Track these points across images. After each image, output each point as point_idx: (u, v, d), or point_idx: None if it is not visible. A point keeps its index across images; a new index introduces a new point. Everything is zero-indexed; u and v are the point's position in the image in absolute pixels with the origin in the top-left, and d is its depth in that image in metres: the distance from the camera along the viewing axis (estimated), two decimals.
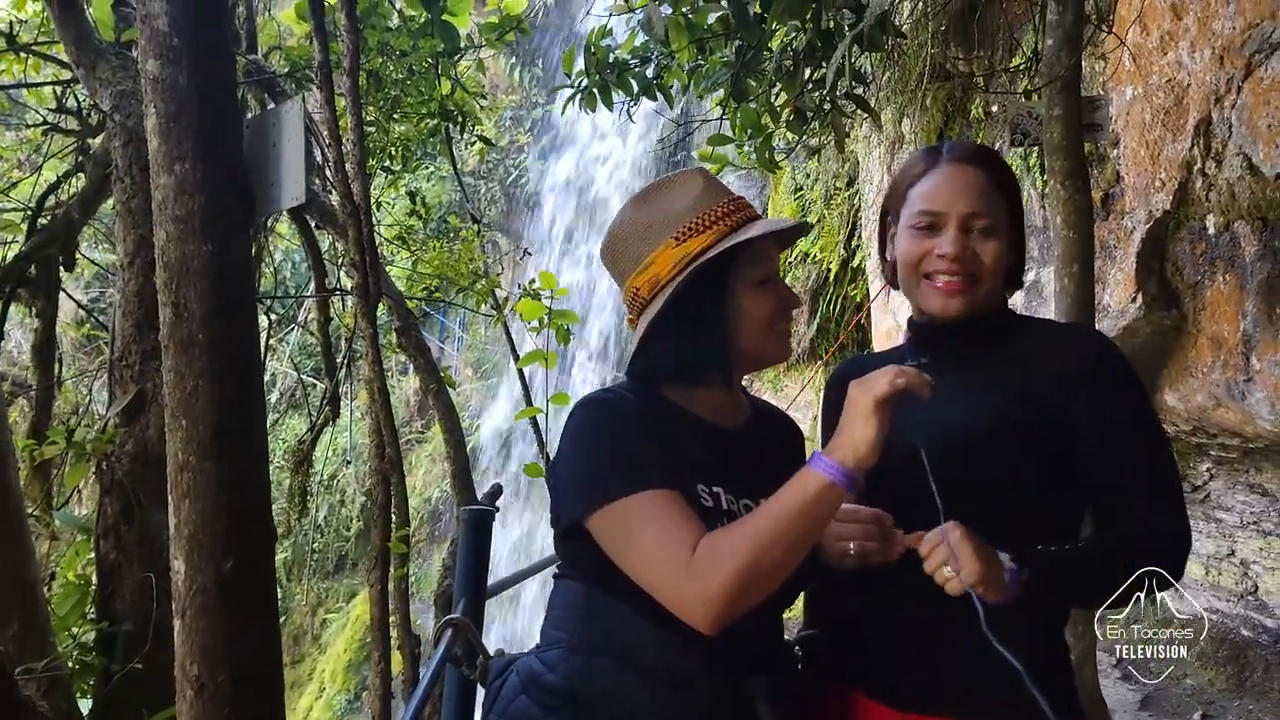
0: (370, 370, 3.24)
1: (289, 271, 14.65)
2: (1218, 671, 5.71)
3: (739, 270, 1.69)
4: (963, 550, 1.50)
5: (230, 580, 2.67)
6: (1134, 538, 1.58)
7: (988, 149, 1.86)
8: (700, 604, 1.45)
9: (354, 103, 3.36)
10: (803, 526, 1.46)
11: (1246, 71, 4.25)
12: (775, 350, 1.73)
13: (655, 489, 1.53)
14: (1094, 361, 1.68)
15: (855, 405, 1.49)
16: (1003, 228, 1.75)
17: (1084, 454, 1.63)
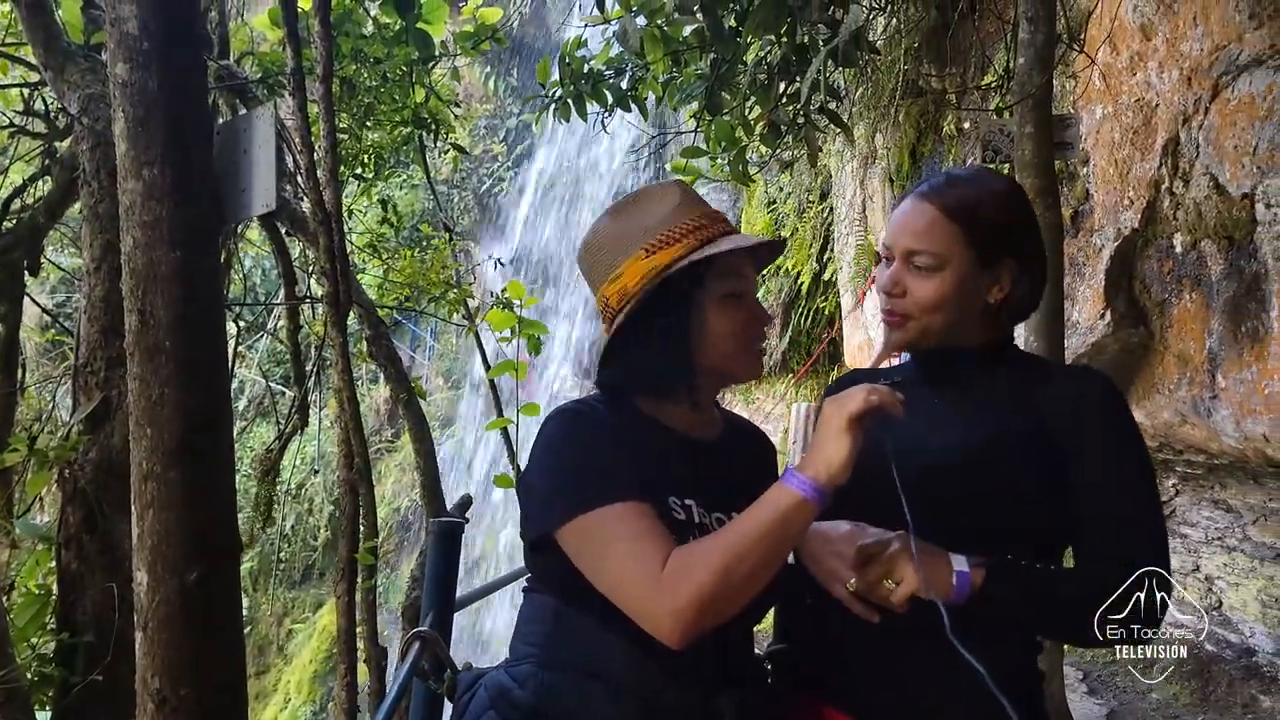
0: (340, 379, 3.21)
1: (259, 278, 14.54)
2: (1182, 686, 5.76)
3: (707, 285, 1.68)
4: (899, 562, 1.53)
5: (194, 592, 2.63)
6: (1110, 561, 1.58)
7: (956, 183, 1.81)
8: (669, 617, 1.44)
9: (327, 109, 3.34)
10: (774, 542, 1.46)
11: (1214, 93, 4.30)
12: (744, 367, 1.72)
13: (626, 501, 1.52)
14: (1096, 404, 1.67)
15: (828, 422, 1.49)
16: (951, 265, 1.71)
17: (1077, 490, 1.63)
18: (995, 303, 1.76)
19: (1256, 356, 4.13)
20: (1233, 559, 5.78)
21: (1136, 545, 1.59)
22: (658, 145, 6.88)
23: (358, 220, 7.40)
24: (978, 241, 1.73)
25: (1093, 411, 1.66)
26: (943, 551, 1.55)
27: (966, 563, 1.53)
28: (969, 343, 1.78)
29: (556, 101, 4.87)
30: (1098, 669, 6.30)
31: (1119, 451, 1.65)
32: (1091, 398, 1.68)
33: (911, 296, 1.72)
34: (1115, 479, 1.63)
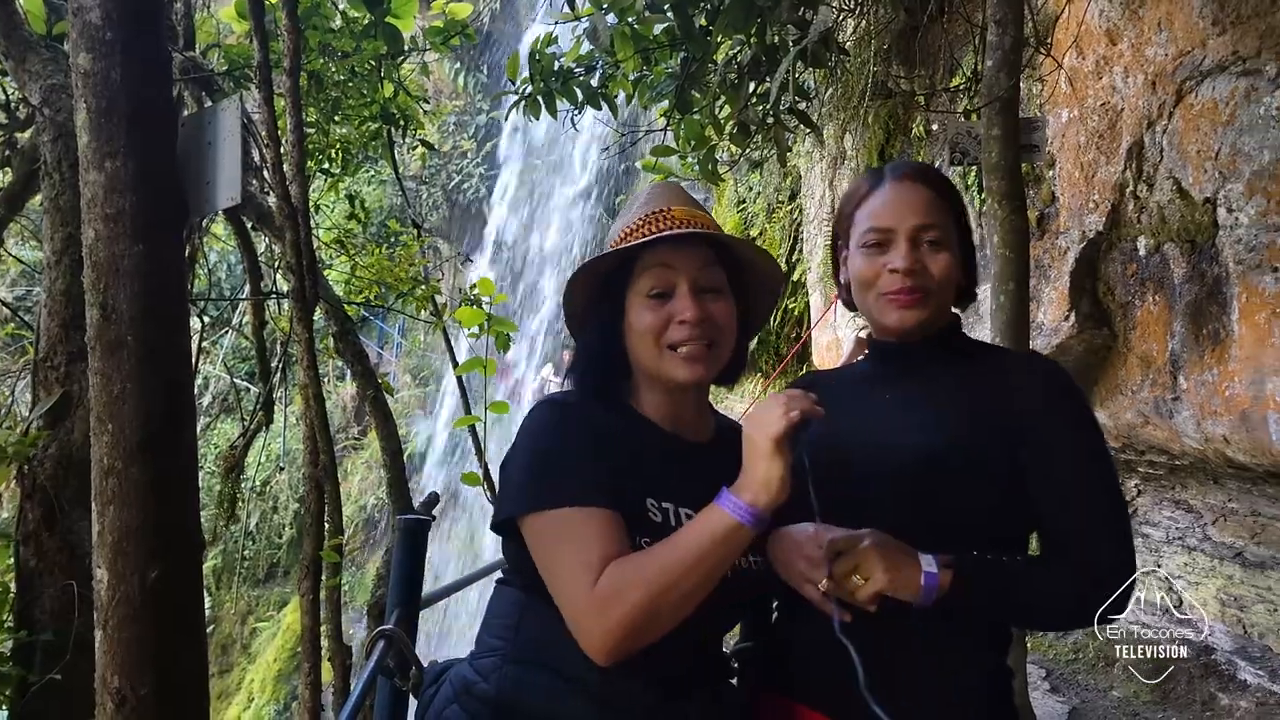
0: (305, 375, 3.18)
1: (224, 273, 14.42)
2: (1142, 684, 5.82)
3: (631, 283, 1.69)
4: (868, 560, 1.52)
5: (154, 590, 2.60)
6: (1078, 566, 1.59)
7: (930, 167, 1.88)
8: (597, 638, 1.45)
9: (294, 103, 3.31)
10: (708, 566, 1.46)
11: (1178, 97, 4.34)
12: (671, 368, 1.67)
13: (583, 506, 1.52)
14: (1050, 392, 1.70)
15: (754, 446, 1.48)
16: (951, 241, 1.77)
17: (1036, 480, 1.64)
18: (959, 285, 1.81)
19: (1217, 359, 4.18)
20: (1193, 558, 5.85)
21: (1101, 536, 1.61)
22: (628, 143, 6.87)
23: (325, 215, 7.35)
24: (959, 223, 1.80)
25: (1053, 402, 1.68)
26: (912, 551, 1.55)
27: (935, 563, 1.54)
28: (941, 325, 1.80)
29: (526, 98, 4.85)
30: (1060, 667, 6.36)
31: (1080, 442, 1.67)
32: (1050, 389, 1.70)
33: (928, 272, 1.74)
34: (1077, 470, 1.64)
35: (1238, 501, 5.26)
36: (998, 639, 1.73)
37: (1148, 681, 5.79)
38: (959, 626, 1.60)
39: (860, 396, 1.86)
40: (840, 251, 1.90)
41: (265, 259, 6.33)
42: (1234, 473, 4.78)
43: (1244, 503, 5.22)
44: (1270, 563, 5.22)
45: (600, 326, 1.73)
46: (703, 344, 1.65)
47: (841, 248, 1.89)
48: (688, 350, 1.65)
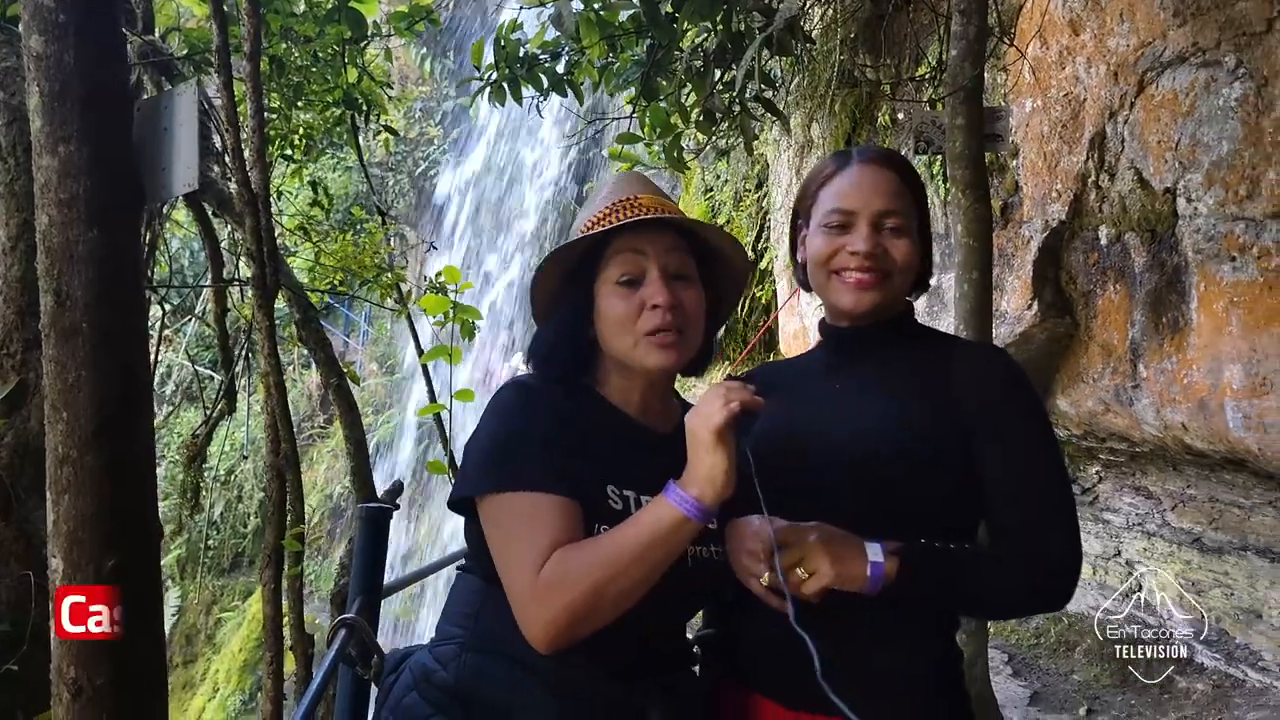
0: (266, 364, 3.15)
1: (187, 260, 14.24)
2: (1103, 668, 5.90)
3: (600, 270, 1.69)
4: (813, 554, 1.53)
5: (111, 578, 2.57)
6: (1028, 555, 1.61)
7: (897, 153, 1.88)
8: (538, 625, 1.46)
9: (254, 88, 3.27)
10: (653, 559, 1.46)
11: (1139, 88, 4.38)
12: (642, 355, 1.66)
13: (538, 492, 1.52)
14: (1001, 382, 1.70)
15: (697, 439, 1.48)
16: (912, 228, 1.77)
17: (987, 469, 1.65)
18: (919, 270, 1.82)
19: (1176, 347, 4.23)
20: (1152, 544, 5.93)
21: (1049, 526, 1.63)
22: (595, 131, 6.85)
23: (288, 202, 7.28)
24: (920, 211, 1.81)
25: (1003, 393, 1.69)
26: (858, 541, 1.56)
27: (881, 552, 1.54)
28: (895, 311, 1.81)
29: (491, 85, 4.81)
30: (1023, 652, 6.44)
31: (1030, 433, 1.69)
32: (1001, 379, 1.71)
33: (889, 256, 1.74)
34: (1027, 461, 1.66)
35: (1196, 488, 5.34)
36: (945, 626, 1.74)
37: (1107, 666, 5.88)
38: (905, 615, 1.61)
39: (812, 384, 1.86)
40: (800, 230, 1.90)
41: (228, 246, 6.26)
42: (1192, 460, 4.84)
43: (1202, 489, 5.29)
44: (1227, 548, 5.30)
45: (568, 312, 1.72)
46: (674, 330, 1.65)
47: (801, 226, 1.89)
48: (659, 337, 1.64)
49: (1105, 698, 5.62)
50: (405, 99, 17.09)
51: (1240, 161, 3.79)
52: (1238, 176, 3.80)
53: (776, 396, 1.82)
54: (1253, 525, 5.06)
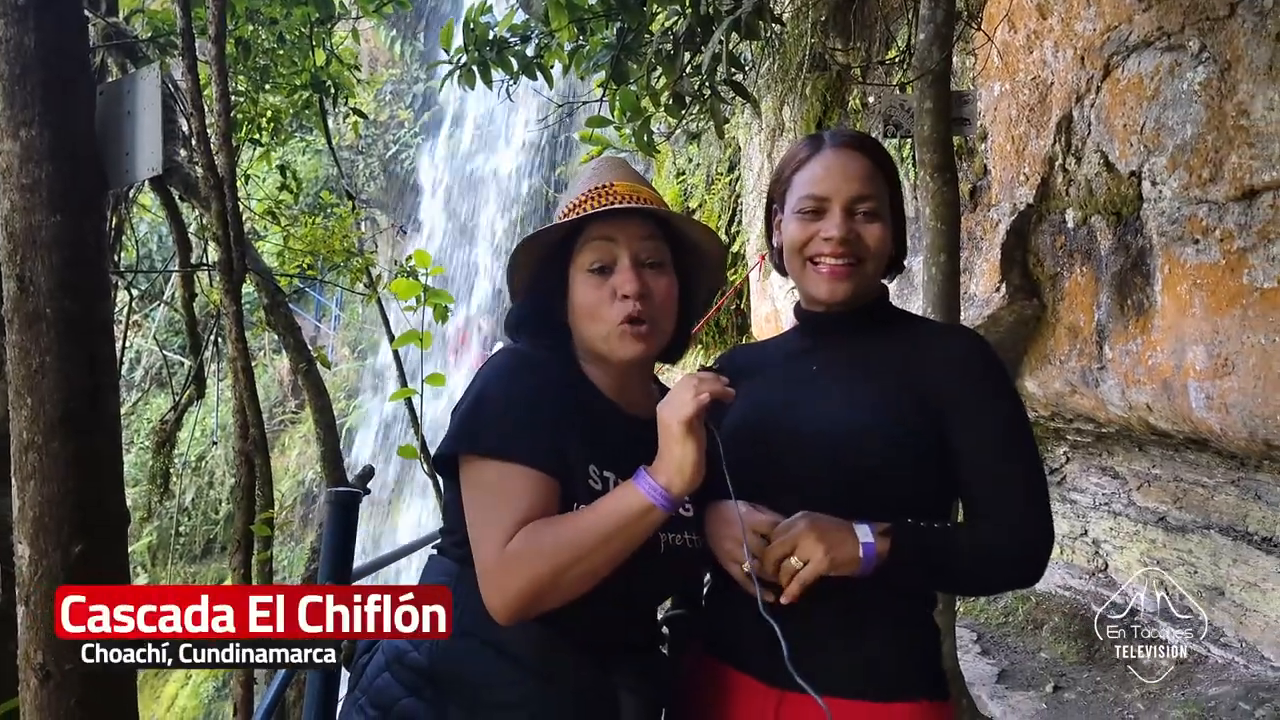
0: (234, 348, 3.14)
1: (155, 245, 14.11)
2: (1069, 645, 5.98)
3: (574, 257, 1.70)
4: (806, 542, 1.54)
5: (78, 565, 2.55)
6: (1006, 533, 1.63)
7: (870, 137, 1.89)
8: (497, 598, 1.47)
9: (219, 71, 3.25)
10: (617, 544, 1.48)
11: (1105, 72, 4.42)
12: (612, 345, 1.67)
13: (520, 464, 1.53)
14: (975, 364, 1.72)
15: (668, 430, 1.49)
16: (885, 213, 1.78)
17: (961, 450, 1.67)
18: (892, 254, 1.83)
19: (1141, 329, 4.28)
20: (1118, 523, 6.01)
21: (1025, 504, 1.65)
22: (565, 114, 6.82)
23: (256, 186, 7.21)
24: (894, 194, 1.82)
25: (977, 375, 1.71)
26: (846, 524, 1.57)
27: (871, 533, 1.56)
28: (870, 296, 1.83)
29: (461, 68, 4.78)
30: (991, 630, 6.51)
31: (1004, 413, 1.71)
32: (974, 361, 1.73)
33: (862, 242, 1.75)
34: (1002, 441, 1.68)
35: (1161, 468, 5.41)
36: (922, 603, 1.77)
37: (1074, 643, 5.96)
38: (884, 593, 1.63)
39: (787, 367, 1.87)
40: (775, 215, 1.90)
41: (196, 230, 6.21)
42: (1157, 440, 4.91)
43: (1167, 469, 5.37)
44: (1191, 526, 5.38)
45: (540, 294, 1.74)
46: (643, 320, 1.65)
47: (776, 211, 1.89)
48: (630, 328, 1.65)
49: (1071, 674, 5.70)
50: (375, 82, 16.96)
51: (1203, 145, 3.83)
52: (1201, 160, 3.84)
53: (752, 379, 1.84)
54: (1215, 504, 5.14)
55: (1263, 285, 3.59)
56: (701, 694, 1.77)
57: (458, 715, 1.55)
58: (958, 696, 3.98)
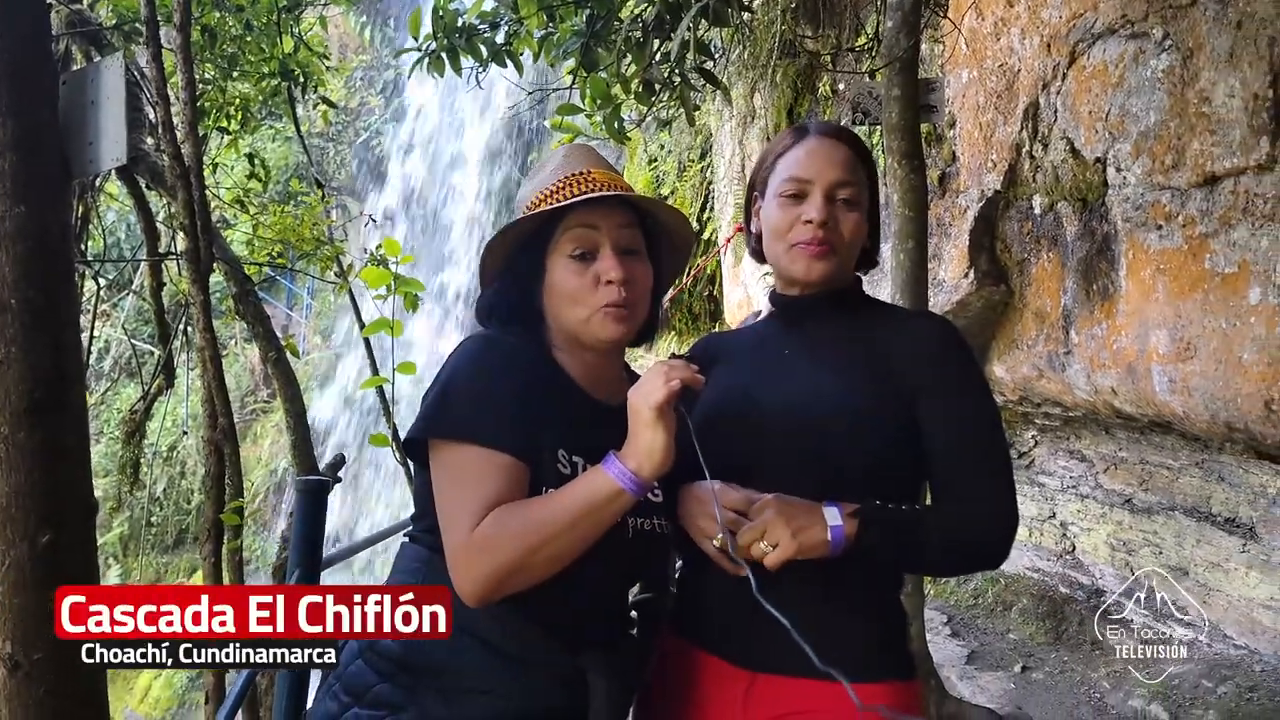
0: (201, 337, 3.13)
1: (124, 234, 13.97)
2: (1038, 626, 6.06)
3: (553, 244, 1.71)
4: (775, 527, 1.57)
5: (46, 555, 2.55)
6: (970, 516, 1.67)
7: (851, 130, 1.93)
8: (466, 581, 1.49)
9: (185, 59, 3.23)
10: (585, 527, 1.50)
11: (1071, 59, 4.45)
12: (596, 328, 1.69)
13: (490, 448, 1.54)
14: (945, 351, 1.76)
15: (638, 415, 1.52)
16: (863, 203, 1.82)
17: (930, 434, 1.71)
18: (867, 246, 1.87)
19: (1106, 313, 4.33)
20: (1085, 506, 6.08)
21: (991, 487, 1.69)
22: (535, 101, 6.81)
23: (225, 174, 7.16)
24: (870, 186, 1.85)
25: (947, 360, 1.75)
26: (816, 507, 1.60)
27: (839, 515, 1.59)
28: (844, 283, 1.86)
29: (430, 55, 4.76)
30: (961, 612, 6.58)
31: (970, 398, 1.74)
32: (944, 347, 1.76)
33: (839, 228, 1.78)
34: (971, 425, 1.72)
35: (1127, 451, 5.47)
36: (890, 584, 1.80)
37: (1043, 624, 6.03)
38: (853, 573, 1.65)
39: (760, 352, 1.90)
40: (755, 201, 1.93)
41: (164, 219, 6.16)
42: (1122, 423, 4.97)
43: (1133, 452, 5.43)
44: (1156, 508, 5.45)
45: (514, 279, 1.75)
46: (625, 305, 1.68)
47: (757, 197, 1.92)
48: (612, 311, 1.67)
49: (1040, 655, 5.77)
50: (345, 68, 16.84)
51: (1166, 132, 3.87)
52: (1164, 147, 3.88)
53: (724, 364, 1.87)
54: (1180, 486, 5.21)
55: (1224, 270, 3.64)
56: (672, 677, 1.80)
57: (430, 700, 1.56)
58: (926, 678, 4.02)
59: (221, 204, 6.54)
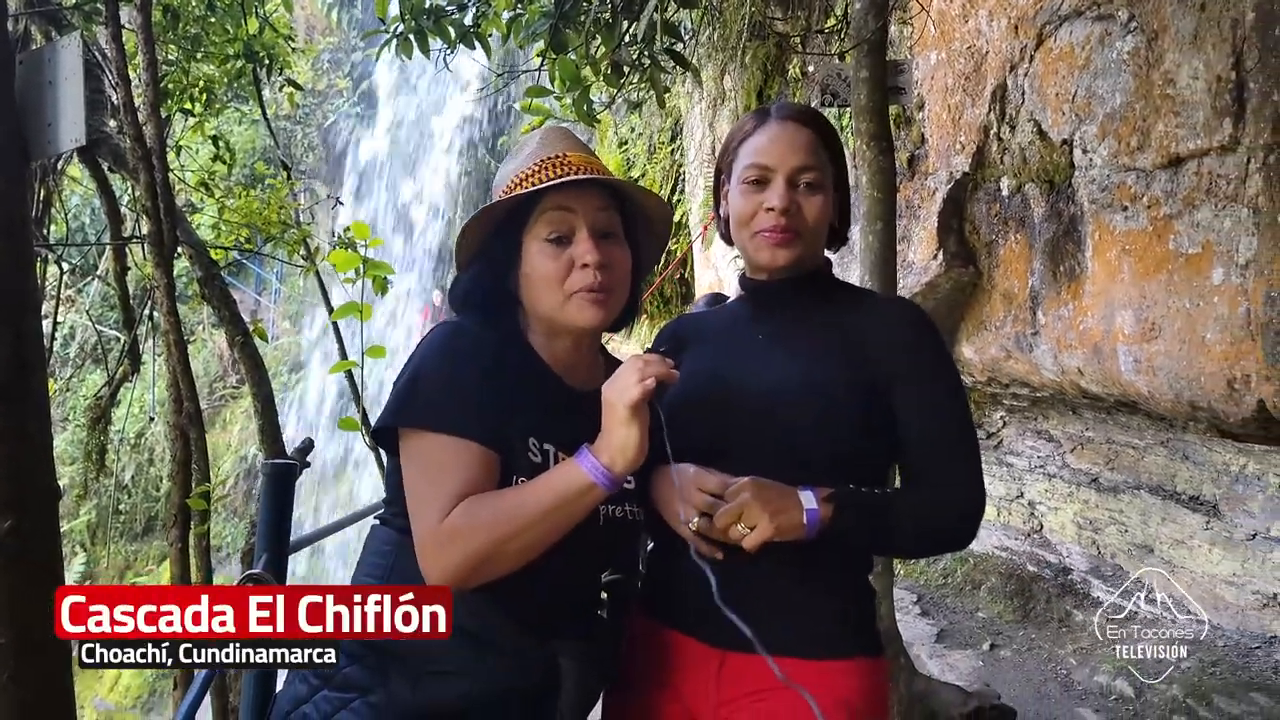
0: (166, 321, 3.10)
1: (88, 218, 13.79)
2: (1006, 604, 6.13)
3: (528, 226, 1.70)
4: (752, 509, 1.57)
5: (9, 539, 2.52)
6: (941, 496, 1.69)
7: (816, 111, 1.92)
8: (435, 570, 1.50)
9: (145, 39, 3.18)
10: (555, 520, 1.50)
11: (1038, 41, 4.48)
12: (572, 313, 1.68)
13: (459, 437, 1.54)
14: (914, 335, 1.77)
15: (612, 410, 1.51)
16: (827, 184, 1.81)
17: (900, 416, 1.72)
18: (833, 227, 1.87)
19: (1073, 294, 4.37)
20: (1053, 485, 6.14)
21: (961, 470, 1.71)
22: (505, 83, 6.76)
23: (190, 157, 7.07)
24: (835, 166, 1.84)
25: (916, 344, 1.76)
26: (792, 490, 1.60)
27: (815, 498, 1.59)
28: (812, 266, 1.85)
29: (397, 37, 4.72)
30: (930, 592, 6.64)
31: (941, 382, 1.75)
32: (913, 331, 1.77)
33: (802, 213, 1.77)
34: (940, 409, 1.73)
35: (1094, 430, 5.53)
36: (859, 564, 1.81)
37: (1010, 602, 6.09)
38: (823, 553, 1.66)
39: (731, 337, 1.90)
40: (722, 185, 1.93)
41: (128, 203, 6.09)
42: (1089, 403, 5.02)
43: (1099, 431, 5.49)
44: (1122, 486, 5.51)
45: (490, 263, 1.73)
46: (603, 289, 1.66)
47: (724, 182, 1.91)
48: (589, 295, 1.66)
49: (1008, 633, 5.84)
50: (311, 50, 16.66)
51: (1132, 114, 3.90)
52: (1129, 128, 3.91)
53: (695, 347, 1.87)
54: (1146, 465, 5.27)
55: (1188, 251, 3.67)
56: (644, 658, 1.80)
57: (399, 684, 1.55)
58: (896, 656, 4.05)
59: (187, 188, 6.46)
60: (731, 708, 1.69)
